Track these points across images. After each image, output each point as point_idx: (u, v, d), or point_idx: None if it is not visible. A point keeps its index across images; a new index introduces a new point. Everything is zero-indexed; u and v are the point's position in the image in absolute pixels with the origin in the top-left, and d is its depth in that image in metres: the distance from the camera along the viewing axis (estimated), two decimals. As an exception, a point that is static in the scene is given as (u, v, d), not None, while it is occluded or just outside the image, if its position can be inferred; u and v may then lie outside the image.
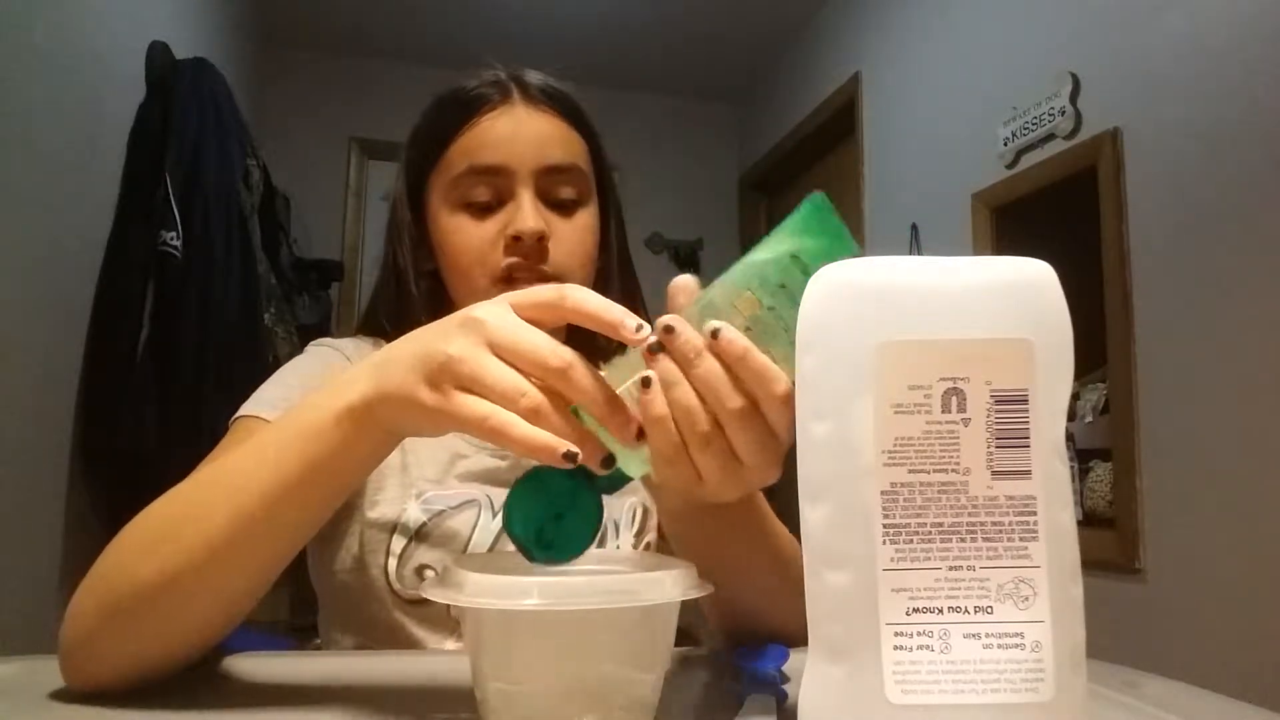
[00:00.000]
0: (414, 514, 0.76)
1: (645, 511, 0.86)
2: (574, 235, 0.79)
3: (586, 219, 0.81)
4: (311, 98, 3.68)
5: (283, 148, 3.36)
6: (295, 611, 2.27)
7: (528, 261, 0.76)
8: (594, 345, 0.87)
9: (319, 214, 3.56)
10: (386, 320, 0.83)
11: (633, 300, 0.92)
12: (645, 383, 0.44)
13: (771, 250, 0.44)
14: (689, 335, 0.43)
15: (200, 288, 2.03)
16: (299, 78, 3.67)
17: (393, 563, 0.75)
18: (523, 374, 0.44)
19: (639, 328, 0.43)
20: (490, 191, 0.78)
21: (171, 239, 1.99)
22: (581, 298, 0.45)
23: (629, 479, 0.47)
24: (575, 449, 0.42)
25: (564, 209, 0.79)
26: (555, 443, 0.42)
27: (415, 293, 0.81)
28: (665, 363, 0.44)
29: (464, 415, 0.44)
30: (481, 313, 0.45)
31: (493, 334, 0.44)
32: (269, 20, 3.44)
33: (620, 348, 0.46)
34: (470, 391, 0.44)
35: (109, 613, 0.50)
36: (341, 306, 3.52)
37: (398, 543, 0.75)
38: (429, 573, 0.75)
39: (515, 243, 0.76)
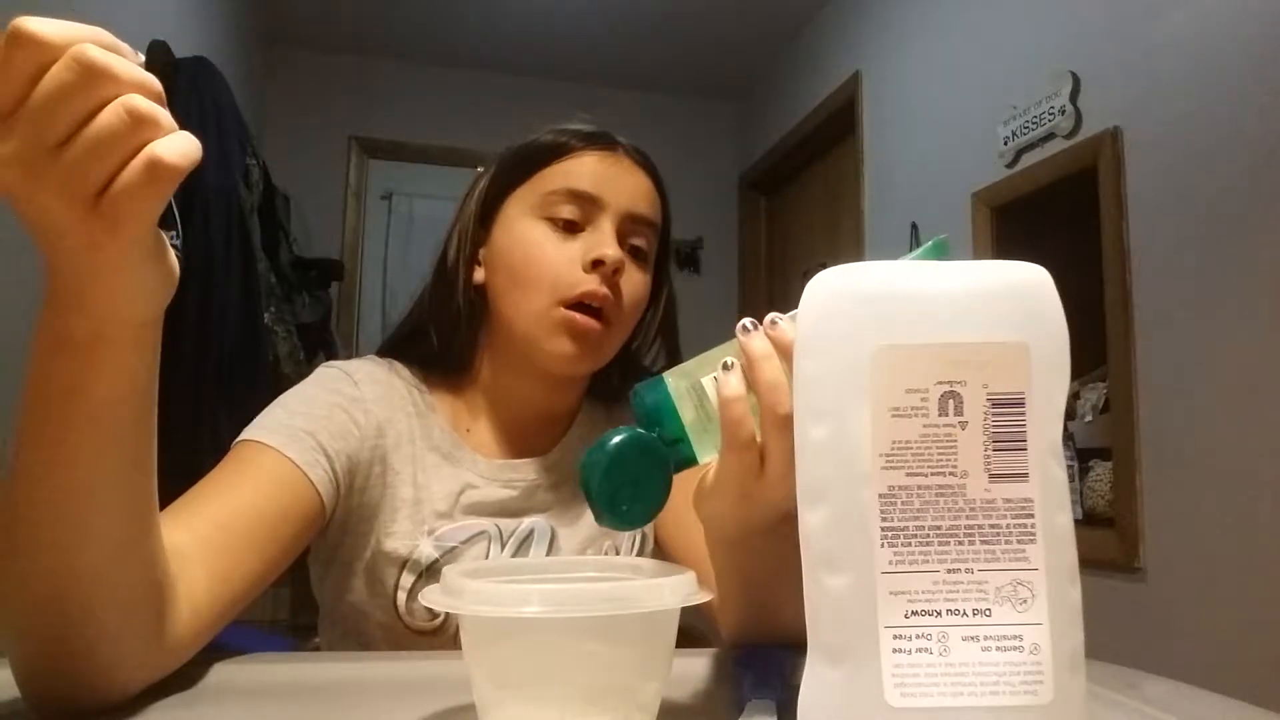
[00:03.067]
0: (426, 551, 0.76)
1: (643, 536, 0.87)
2: (636, 284, 0.80)
3: (647, 278, 0.83)
4: (311, 97, 3.68)
5: (283, 147, 3.37)
6: (295, 611, 2.28)
7: (602, 289, 0.75)
8: (608, 383, 0.88)
9: (319, 213, 3.56)
10: (433, 327, 0.82)
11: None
12: (725, 365, 0.46)
13: None
14: (790, 327, 0.45)
15: (200, 287, 2.03)
16: (299, 77, 3.67)
17: (402, 596, 0.75)
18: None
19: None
20: (577, 213, 0.78)
21: (171, 238, 1.98)
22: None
23: (696, 463, 0.49)
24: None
25: (635, 256, 0.80)
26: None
27: (460, 301, 0.81)
28: (756, 338, 0.45)
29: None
30: None
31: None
32: (269, 20, 3.44)
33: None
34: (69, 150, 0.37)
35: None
36: (341, 306, 3.52)
37: (408, 578, 0.75)
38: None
39: (595, 267, 0.76)
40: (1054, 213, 2.04)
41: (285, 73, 3.64)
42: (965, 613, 0.37)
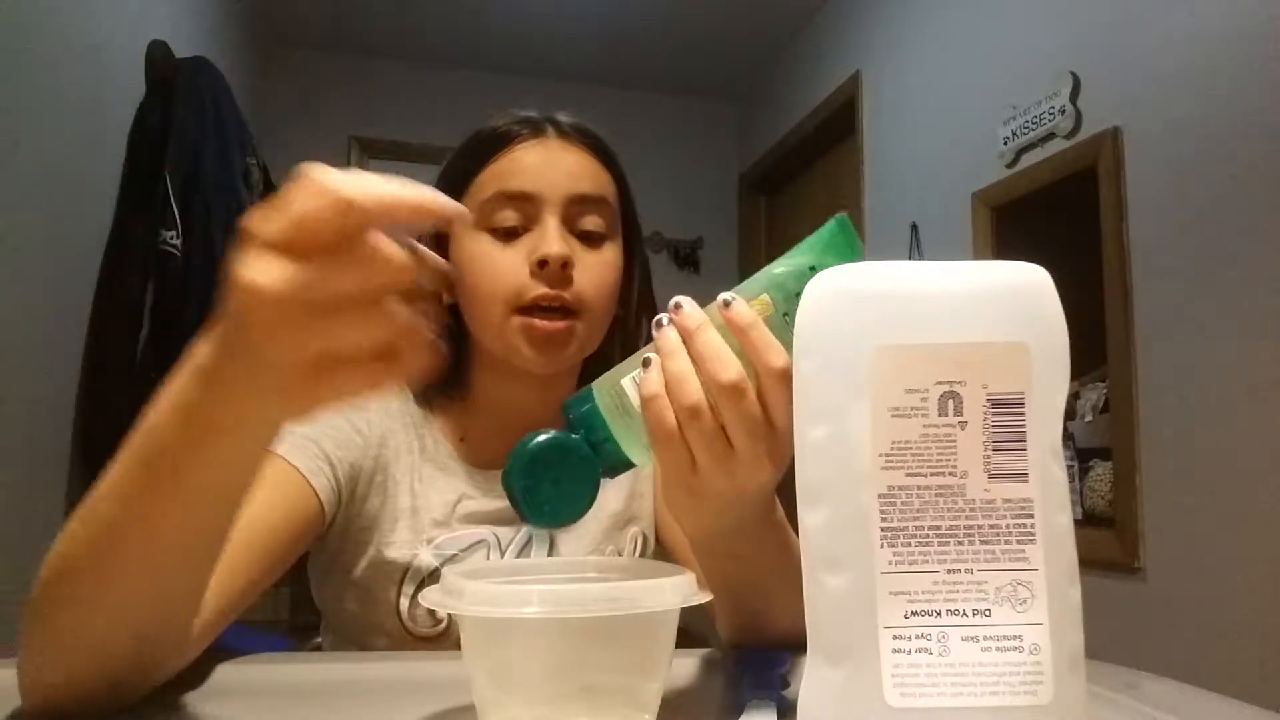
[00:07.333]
0: (426, 559, 0.76)
1: (644, 540, 0.87)
2: (598, 267, 0.77)
3: (611, 254, 0.79)
4: (311, 97, 3.68)
5: (283, 147, 3.36)
6: (295, 611, 2.28)
7: (552, 289, 0.73)
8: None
9: (319, 213, 3.56)
10: None
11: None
12: (645, 363, 0.46)
13: (792, 262, 0.48)
14: (694, 310, 0.46)
15: (200, 286, 2.03)
16: (299, 77, 3.67)
17: (404, 603, 0.75)
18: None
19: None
20: (517, 218, 0.75)
21: (171, 238, 2.00)
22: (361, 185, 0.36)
23: (632, 464, 0.49)
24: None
25: (589, 241, 0.77)
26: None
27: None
28: (668, 332, 0.46)
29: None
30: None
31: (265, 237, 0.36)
32: (269, 20, 3.44)
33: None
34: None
35: (28, 627, 0.48)
36: (341, 306, 3.52)
37: (409, 586, 0.75)
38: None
39: (540, 268, 0.73)
40: (1054, 213, 2.04)
41: (285, 73, 3.63)
42: (965, 613, 0.37)
